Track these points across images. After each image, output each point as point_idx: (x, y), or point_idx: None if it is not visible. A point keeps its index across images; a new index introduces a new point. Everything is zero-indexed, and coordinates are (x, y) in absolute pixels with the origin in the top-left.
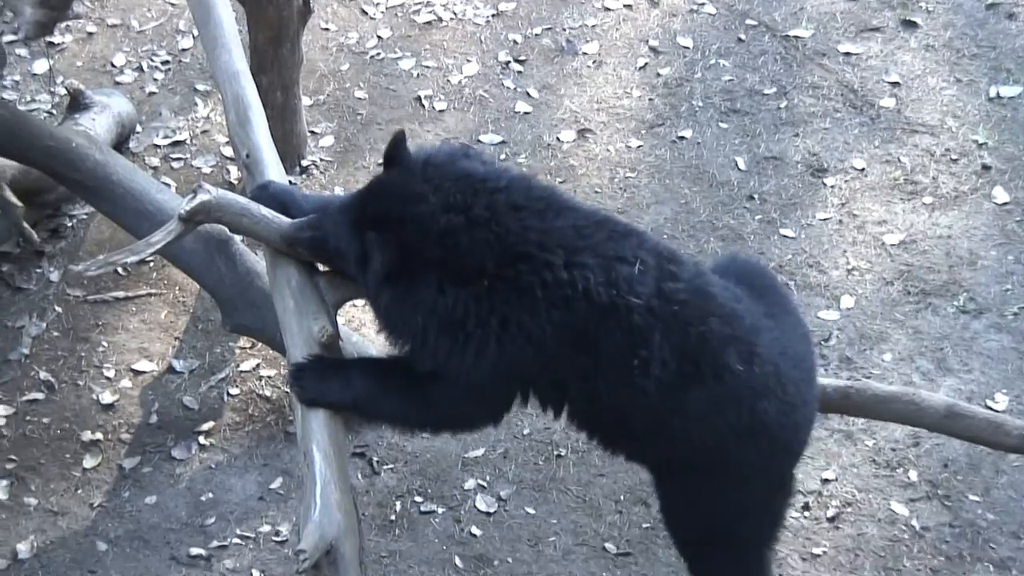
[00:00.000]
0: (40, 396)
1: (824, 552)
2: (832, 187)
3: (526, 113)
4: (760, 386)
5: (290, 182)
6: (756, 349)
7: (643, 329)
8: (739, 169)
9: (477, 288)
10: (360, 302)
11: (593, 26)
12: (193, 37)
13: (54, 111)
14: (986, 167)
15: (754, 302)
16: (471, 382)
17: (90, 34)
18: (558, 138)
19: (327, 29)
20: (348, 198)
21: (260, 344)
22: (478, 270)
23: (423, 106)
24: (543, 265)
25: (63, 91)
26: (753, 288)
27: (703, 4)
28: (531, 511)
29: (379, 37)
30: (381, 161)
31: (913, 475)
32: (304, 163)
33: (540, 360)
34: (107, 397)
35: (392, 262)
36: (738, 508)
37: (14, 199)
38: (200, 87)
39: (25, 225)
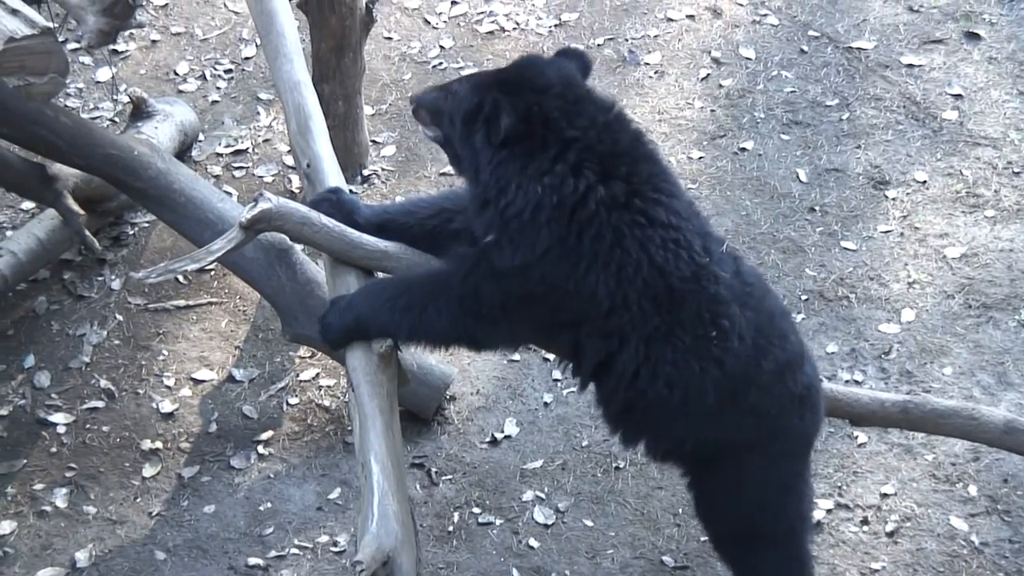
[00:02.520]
0: (100, 404)
1: (883, 567)
2: (894, 200)
3: None
4: (802, 351)
5: (351, 191)
6: (792, 322)
7: (725, 301)
8: (800, 181)
9: (616, 189)
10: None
11: (655, 37)
12: (256, 46)
13: (117, 119)
14: None
15: None
16: (531, 288)
17: (154, 42)
18: None
19: (390, 38)
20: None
21: (320, 354)
22: (628, 174)
23: None
24: (669, 207)
25: (126, 99)
26: None
27: (766, 15)
28: (589, 523)
29: (441, 47)
30: None
31: (973, 490)
32: (366, 172)
33: (613, 300)
34: (167, 406)
35: (516, 125)
36: (784, 486)
37: (76, 207)
38: (263, 96)
39: (87, 233)
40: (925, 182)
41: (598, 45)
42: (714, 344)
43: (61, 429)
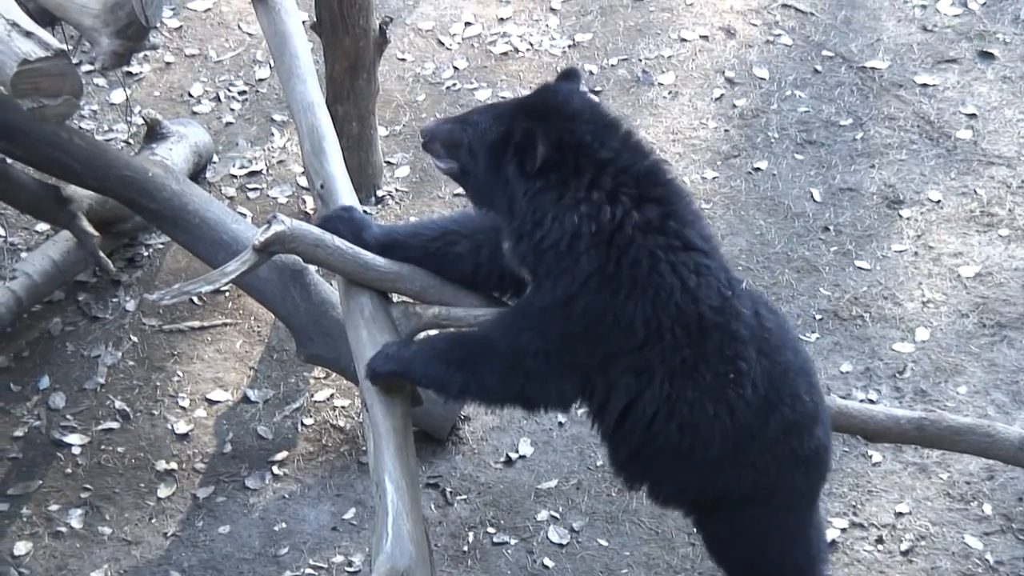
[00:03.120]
0: (115, 425)
1: None
2: (908, 219)
3: None
4: (815, 413)
5: (365, 212)
6: (812, 380)
7: (744, 341)
8: (814, 200)
9: (650, 213)
10: (434, 332)
11: (669, 57)
12: (270, 67)
13: (131, 141)
14: None
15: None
16: (572, 326)
17: (168, 64)
18: None
19: (404, 59)
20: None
21: (334, 374)
22: (662, 196)
23: None
24: (701, 231)
25: (140, 121)
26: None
27: (779, 35)
28: (604, 543)
29: (455, 68)
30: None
31: (988, 508)
32: (380, 193)
33: (648, 329)
34: (182, 426)
35: (549, 153)
36: (788, 534)
37: (90, 228)
38: (277, 117)
39: (101, 255)
40: (939, 201)
41: (612, 65)
42: (730, 386)
43: (76, 450)
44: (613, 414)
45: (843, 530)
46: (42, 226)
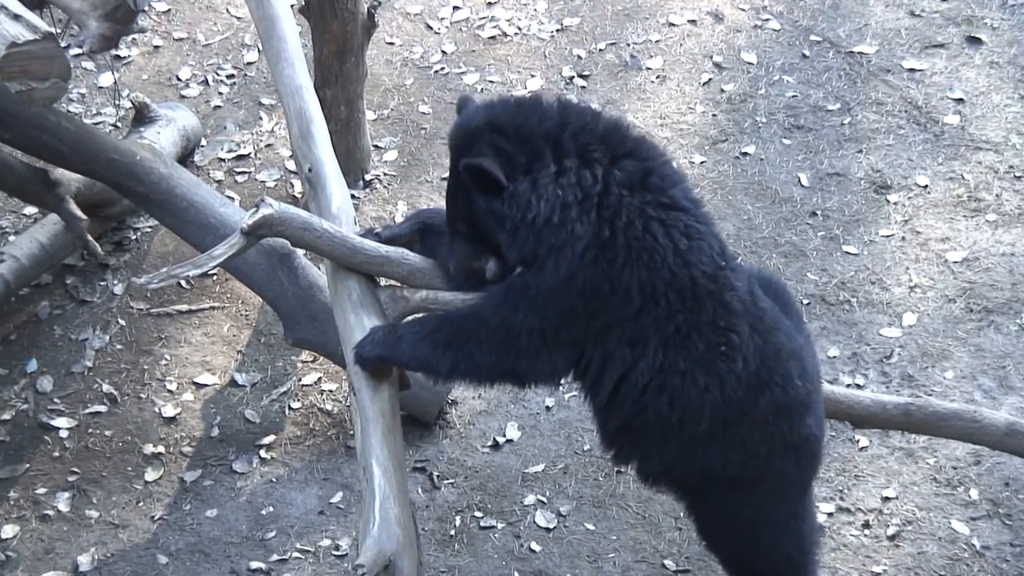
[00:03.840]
0: (103, 409)
1: (884, 571)
2: (895, 204)
3: None
4: (807, 401)
5: (353, 196)
6: (805, 366)
7: (737, 314)
8: (802, 185)
9: (629, 167)
10: (421, 315)
11: (657, 41)
12: (258, 51)
13: (119, 124)
14: None
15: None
16: (572, 301)
17: (156, 48)
18: None
19: (392, 43)
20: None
21: (322, 358)
22: (632, 150)
23: None
24: (685, 190)
25: (128, 104)
26: (779, 303)
27: (767, 20)
28: (591, 527)
29: (443, 52)
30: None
31: (974, 494)
32: (368, 177)
33: (643, 295)
34: (169, 410)
35: (497, 160)
36: (778, 524)
37: (78, 212)
38: (265, 101)
39: (89, 238)
40: (926, 186)
41: (600, 50)
42: (721, 359)
43: (64, 433)
44: (608, 386)
45: (830, 515)
46: (30, 209)
